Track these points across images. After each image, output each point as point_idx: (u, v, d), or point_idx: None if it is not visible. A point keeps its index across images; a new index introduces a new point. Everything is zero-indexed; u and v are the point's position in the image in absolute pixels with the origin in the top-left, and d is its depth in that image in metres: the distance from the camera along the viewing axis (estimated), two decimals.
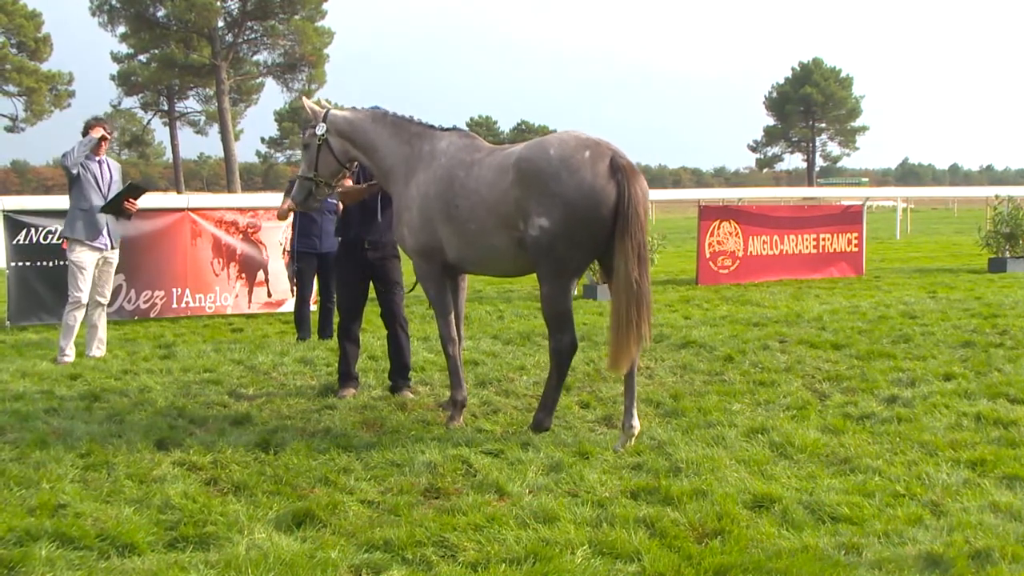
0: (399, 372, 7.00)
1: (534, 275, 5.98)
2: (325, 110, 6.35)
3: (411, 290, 6.86)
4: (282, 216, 9.32)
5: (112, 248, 8.53)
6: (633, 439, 5.43)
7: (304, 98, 6.57)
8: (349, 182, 6.82)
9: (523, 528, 4.14)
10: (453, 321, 6.16)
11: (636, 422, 5.51)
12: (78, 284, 8.33)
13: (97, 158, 8.39)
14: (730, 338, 8.92)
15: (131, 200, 8.41)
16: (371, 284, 7.05)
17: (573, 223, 5.31)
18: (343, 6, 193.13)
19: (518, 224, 5.51)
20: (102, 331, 8.64)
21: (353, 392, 6.89)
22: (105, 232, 8.40)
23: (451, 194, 5.78)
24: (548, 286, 5.56)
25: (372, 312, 7.48)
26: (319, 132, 6.26)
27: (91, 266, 8.38)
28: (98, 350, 8.56)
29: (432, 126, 6.17)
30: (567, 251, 5.39)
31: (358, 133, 6.27)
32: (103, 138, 8.36)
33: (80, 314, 8.43)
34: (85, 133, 8.38)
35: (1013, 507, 4.28)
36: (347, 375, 7.01)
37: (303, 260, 9.23)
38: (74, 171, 8.27)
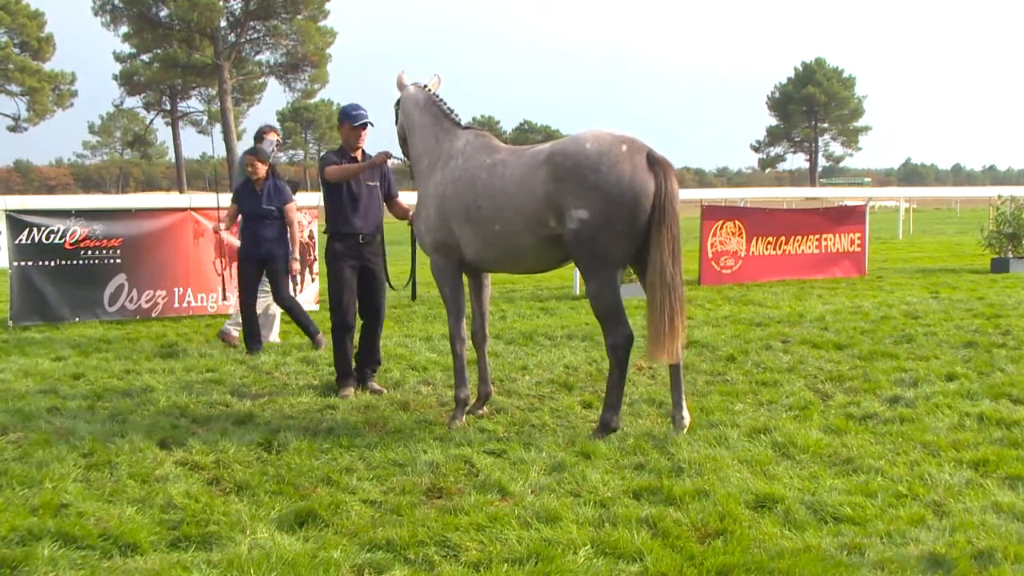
0: (369, 365, 7.15)
1: (536, 273, 6.01)
2: (408, 86, 6.48)
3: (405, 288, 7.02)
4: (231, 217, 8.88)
5: None
6: (684, 430, 5.54)
7: (401, 72, 6.55)
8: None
9: (525, 528, 4.14)
10: (464, 319, 6.18)
11: (686, 414, 5.63)
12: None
13: None
14: (732, 338, 8.92)
15: None
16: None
17: (614, 214, 5.30)
18: (346, 6, 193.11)
19: (548, 221, 5.49)
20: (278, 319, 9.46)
21: (354, 390, 6.91)
22: None
23: (472, 195, 5.76)
24: (594, 281, 5.53)
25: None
26: (396, 104, 6.51)
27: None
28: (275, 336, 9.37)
29: (458, 124, 6.18)
30: (609, 243, 5.37)
31: (409, 114, 6.39)
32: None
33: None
34: (260, 139, 9.26)
35: (1016, 508, 4.28)
36: (347, 373, 7.04)
37: (246, 264, 8.47)
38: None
